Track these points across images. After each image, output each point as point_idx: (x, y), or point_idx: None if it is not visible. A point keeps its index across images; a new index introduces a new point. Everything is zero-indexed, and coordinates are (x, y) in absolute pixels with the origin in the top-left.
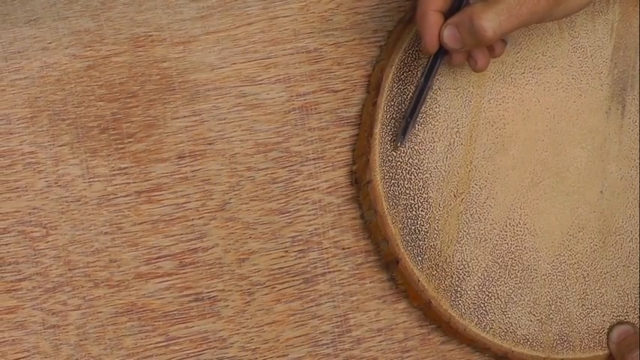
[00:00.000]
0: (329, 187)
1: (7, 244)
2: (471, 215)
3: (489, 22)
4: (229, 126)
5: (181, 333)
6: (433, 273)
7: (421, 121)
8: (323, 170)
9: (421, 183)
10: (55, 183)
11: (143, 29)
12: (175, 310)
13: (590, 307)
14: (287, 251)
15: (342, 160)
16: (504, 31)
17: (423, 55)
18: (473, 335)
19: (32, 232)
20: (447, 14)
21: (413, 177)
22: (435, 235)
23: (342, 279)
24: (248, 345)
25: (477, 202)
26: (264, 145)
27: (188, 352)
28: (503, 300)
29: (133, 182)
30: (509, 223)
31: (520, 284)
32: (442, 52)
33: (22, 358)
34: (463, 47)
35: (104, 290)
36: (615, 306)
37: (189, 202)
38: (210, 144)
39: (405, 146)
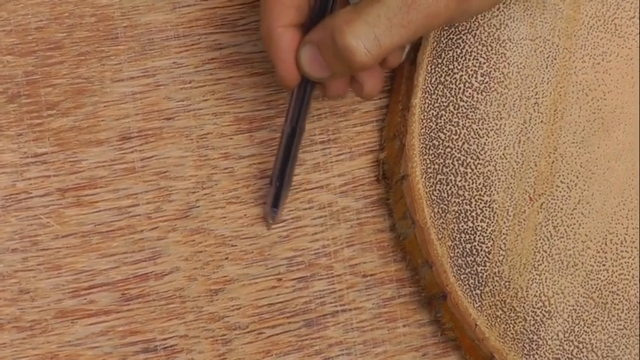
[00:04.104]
0: (344, 185)
1: None
2: (554, 228)
3: (359, 40)
4: (197, 92)
5: None
6: (498, 313)
7: (482, 87)
8: (336, 159)
9: (482, 179)
10: None
11: None
12: None
13: None
14: (281, 279)
15: (363, 143)
16: (385, 50)
17: (285, 90)
18: None
19: None
20: (307, 26)
21: (469, 170)
22: (501, 258)
23: (362, 321)
24: None
25: (564, 209)
26: (249, 122)
27: None
28: (599, 353)
29: (55, 175)
30: (611, 241)
31: (624, 330)
32: (308, 81)
33: None
34: (334, 76)
35: (11, 335)
36: None
37: (138, 205)
38: (168, 119)
39: (279, 214)
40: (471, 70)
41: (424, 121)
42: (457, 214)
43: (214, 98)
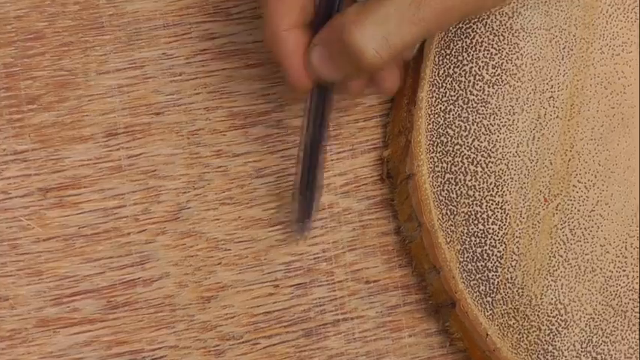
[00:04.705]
0: (346, 184)
1: None
2: (570, 231)
3: (368, 40)
4: (188, 85)
5: None
6: (510, 322)
7: (493, 80)
8: (337, 157)
9: (493, 179)
10: None
11: None
12: None
13: None
14: (278, 286)
15: (366, 140)
16: (395, 50)
17: (298, 96)
18: None
19: None
20: (316, 25)
21: (480, 169)
22: (513, 263)
23: (365, 330)
24: None
25: (581, 211)
26: (244, 117)
27: None
28: None
29: (36, 174)
30: (631, 244)
31: None
32: (325, 84)
33: None
34: (346, 77)
35: None
36: None
37: (124, 206)
38: (157, 114)
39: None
40: (482, 62)
41: (431, 116)
42: (467, 216)
43: (206, 92)
